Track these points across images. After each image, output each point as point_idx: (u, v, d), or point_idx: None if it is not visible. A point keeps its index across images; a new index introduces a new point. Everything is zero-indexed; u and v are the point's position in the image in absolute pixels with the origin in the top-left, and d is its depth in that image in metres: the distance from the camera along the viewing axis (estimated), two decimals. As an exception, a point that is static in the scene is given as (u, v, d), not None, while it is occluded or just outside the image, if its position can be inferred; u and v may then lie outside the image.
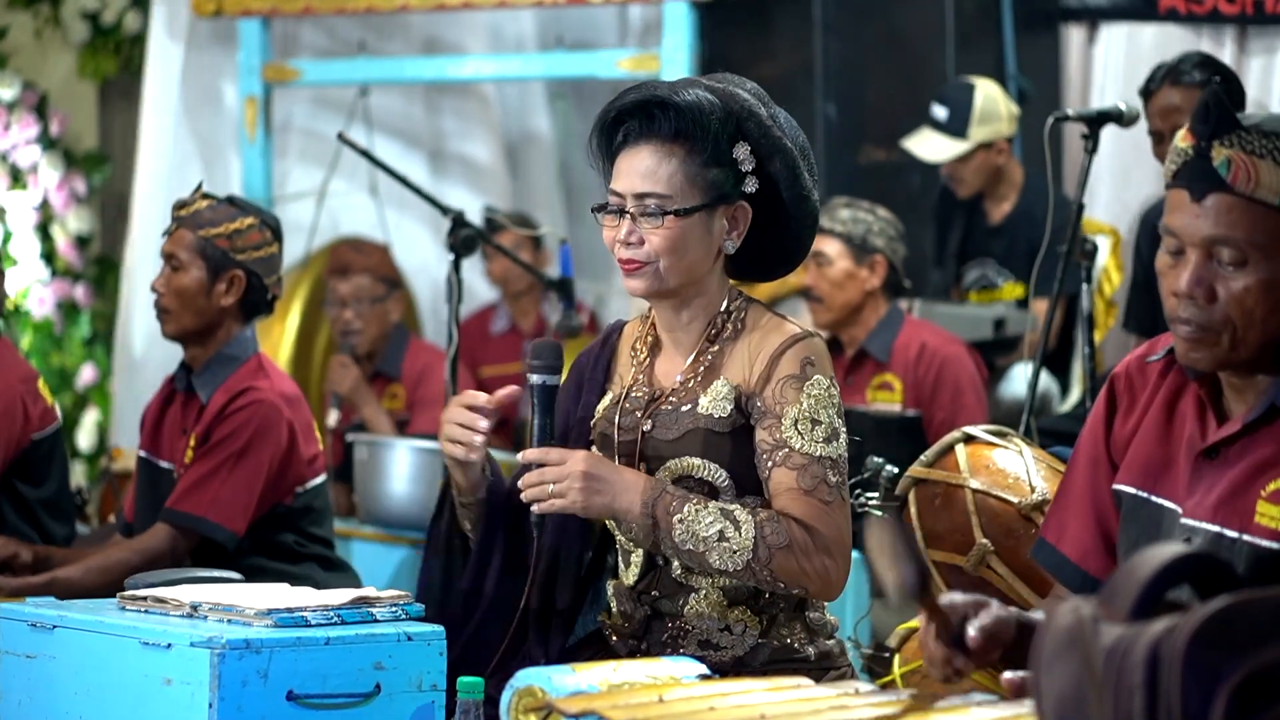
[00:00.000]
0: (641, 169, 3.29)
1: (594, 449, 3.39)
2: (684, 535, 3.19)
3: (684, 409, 3.31)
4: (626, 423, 3.36)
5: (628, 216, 3.30)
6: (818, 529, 3.20)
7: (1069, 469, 2.91)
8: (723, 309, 3.36)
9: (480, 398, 3.33)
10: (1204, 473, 2.67)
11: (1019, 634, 2.54)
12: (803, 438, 3.23)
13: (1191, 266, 2.59)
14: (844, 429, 3.28)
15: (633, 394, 3.38)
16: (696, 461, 3.29)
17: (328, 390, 6.66)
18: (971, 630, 2.50)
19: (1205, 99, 2.57)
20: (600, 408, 3.42)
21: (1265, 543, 2.60)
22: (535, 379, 3.30)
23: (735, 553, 3.19)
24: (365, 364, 6.68)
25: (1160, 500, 2.72)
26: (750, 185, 3.31)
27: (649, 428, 3.33)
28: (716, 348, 3.35)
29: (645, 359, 3.41)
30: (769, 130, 3.31)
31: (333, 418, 6.53)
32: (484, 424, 3.31)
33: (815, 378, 3.26)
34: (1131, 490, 2.76)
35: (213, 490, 4.31)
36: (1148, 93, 5.40)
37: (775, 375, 3.26)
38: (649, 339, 3.43)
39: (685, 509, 3.20)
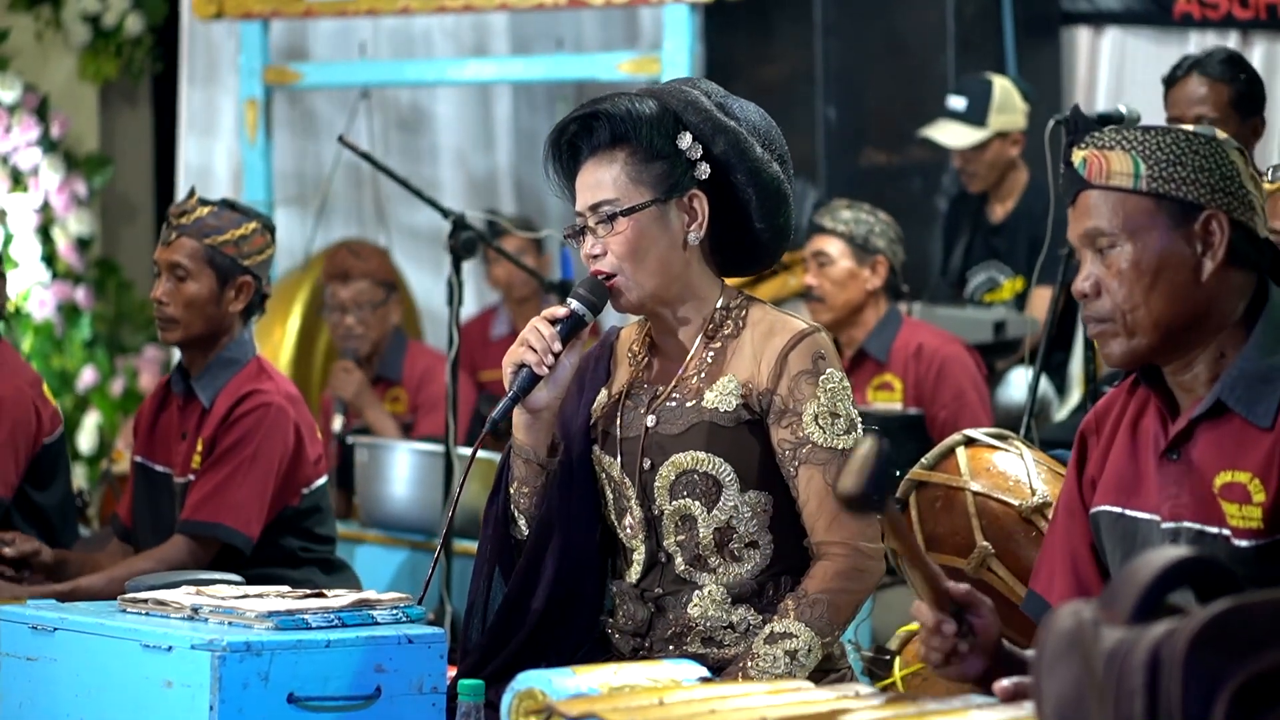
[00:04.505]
0: (590, 182, 3.32)
1: (595, 447, 3.40)
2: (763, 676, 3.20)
3: (688, 404, 3.32)
4: (629, 420, 3.36)
5: (589, 232, 3.32)
6: (848, 542, 3.24)
7: (1051, 522, 2.96)
8: (719, 306, 3.36)
9: (560, 312, 3.32)
10: (1170, 473, 2.72)
11: (1002, 660, 2.56)
12: (824, 432, 3.26)
13: (1084, 267, 2.73)
14: (859, 419, 3.32)
15: (634, 393, 3.39)
16: (701, 455, 3.29)
17: (331, 396, 6.64)
18: (958, 587, 2.54)
19: (1067, 116, 2.79)
20: (595, 406, 3.42)
21: (1241, 542, 2.63)
22: (574, 304, 3.31)
23: (812, 651, 3.22)
24: (366, 367, 6.67)
25: (1136, 513, 2.76)
26: (701, 171, 3.31)
27: (652, 423, 3.34)
28: (719, 344, 3.35)
29: (644, 359, 3.42)
30: (710, 114, 3.30)
31: (338, 423, 6.51)
32: (559, 345, 3.29)
33: (828, 371, 3.28)
34: (1107, 508, 2.80)
35: (228, 497, 4.29)
36: (1172, 80, 5.32)
37: (787, 372, 3.27)
38: (646, 341, 3.44)
39: (749, 666, 3.21)
